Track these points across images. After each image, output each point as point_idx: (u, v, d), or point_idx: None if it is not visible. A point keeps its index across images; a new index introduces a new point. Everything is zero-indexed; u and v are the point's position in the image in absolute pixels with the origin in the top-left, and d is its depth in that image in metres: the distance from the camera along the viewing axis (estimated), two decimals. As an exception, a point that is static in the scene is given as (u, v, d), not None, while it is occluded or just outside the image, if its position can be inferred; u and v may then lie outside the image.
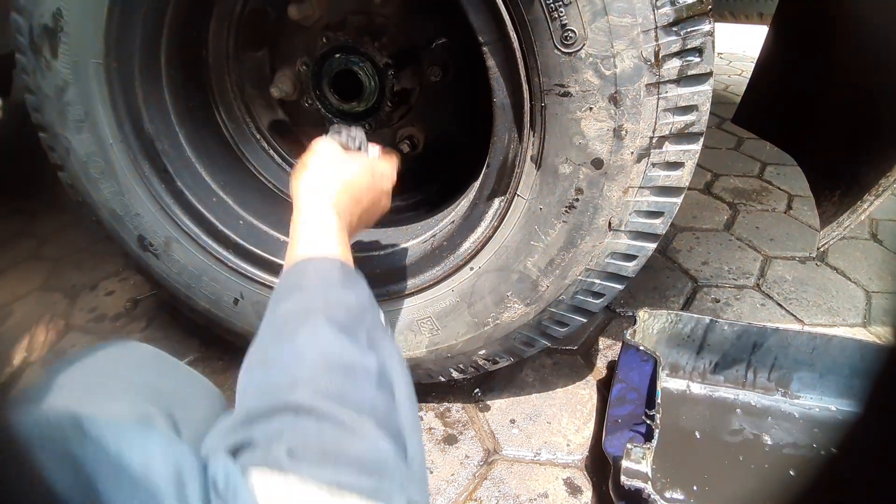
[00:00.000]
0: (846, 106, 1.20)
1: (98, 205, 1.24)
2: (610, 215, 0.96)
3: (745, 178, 2.53)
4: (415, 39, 1.23)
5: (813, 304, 1.70)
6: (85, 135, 1.17)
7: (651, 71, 0.85)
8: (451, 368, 1.21)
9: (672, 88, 0.86)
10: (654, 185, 0.94)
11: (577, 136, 0.91)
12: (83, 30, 1.08)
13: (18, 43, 1.15)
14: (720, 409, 1.29)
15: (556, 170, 0.94)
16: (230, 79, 1.32)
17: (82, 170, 1.21)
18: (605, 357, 1.47)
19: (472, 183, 1.14)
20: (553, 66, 0.87)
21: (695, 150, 0.92)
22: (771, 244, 2.00)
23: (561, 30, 0.84)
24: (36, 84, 1.18)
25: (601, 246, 0.99)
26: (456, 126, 1.32)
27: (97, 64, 1.10)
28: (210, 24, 1.25)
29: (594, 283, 1.04)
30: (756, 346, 1.29)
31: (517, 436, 1.24)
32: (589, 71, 0.86)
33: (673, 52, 0.84)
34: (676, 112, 0.88)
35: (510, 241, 1.02)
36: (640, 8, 0.81)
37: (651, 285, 1.76)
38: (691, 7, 0.82)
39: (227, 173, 1.28)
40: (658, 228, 0.98)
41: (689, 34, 0.83)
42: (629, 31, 0.82)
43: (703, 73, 0.86)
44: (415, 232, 1.20)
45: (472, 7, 0.88)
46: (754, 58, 1.47)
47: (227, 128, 1.33)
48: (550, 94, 0.89)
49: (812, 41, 1.26)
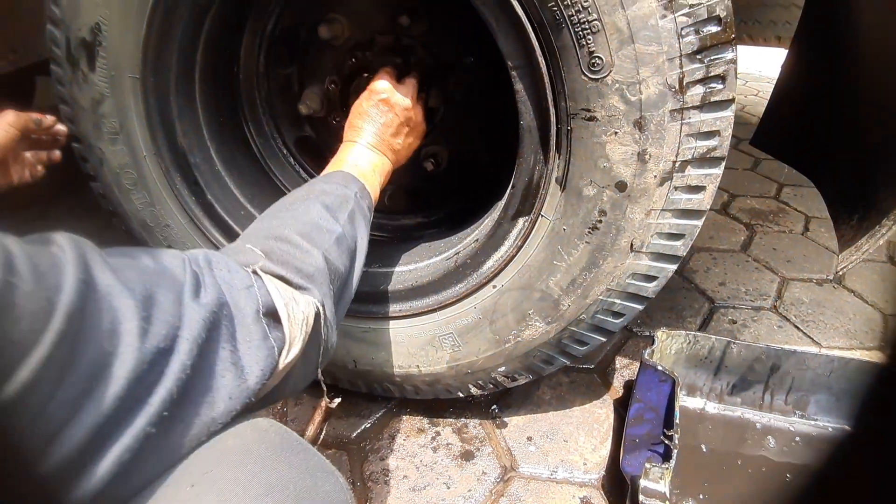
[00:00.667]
0: (864, 130, 1.20)
1: (129, 215, 1.27)
2: (632, 237, 0.98)
3: (762, 199, 2.53)
4: (441, 60, 1.26)
5: (830, 327, 1.70)
6: (119, 146, 1.21)
7: (675, 97, 0.87)
8: (470, 384, 1.22)
9: (695, 114, 0.88)
10: (676, 207, 0.95)
11: (602, 160, 0.93)
12: (121, 44, 1.11)
13: (54, 54, 1.19)
14: (737, 430, 1.29)
15: (581, 192, 0.96)
16: (260, 95, 1.35)
17: (115, 181, 1.25)
18: (621, 376, 1.48)
19: (495, 202, 1.16)
20: (580, 91, 0.89)
21: (716, 175, 0.93)
22: (788, 266, 2.01)
23: (588, 56, 0.86)
24: (71, 95, 1.21)
25: (623, 267, 1.01)
26: (479, 144, 1.34)
27: (134, 78, 1.14)
28: (242, 42, 1.29)
29: (615, 302, 1.05)
30: (774, 369, 1.30)
31: (534, 453, 1.25)
32: (615, 97, 0.88)
33: (696, 79, 0.86)
34: (699, 137, 0.90)
35: (533, 260, 1.04)
36: (665, 37, 0.83)
37: (668, 305, 1.77)
38: (715, 36, 0.84)
39: (254, 187, 1.31)
40: (679, 250, 0.99)
41: (713, 62, 0.85)
42: (655, 59, 0.85)
43: (725, 100, 0.88)
44: (438, 249, 1.22)
45: (501, 33, 0.90)
46: (770, 78, 1.49)
47: (256, 142, 1.36)
48: (576, 118, 0.91)
49: (830, 65, 1.27)
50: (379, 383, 1.29)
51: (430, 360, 1.20)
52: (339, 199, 0.91)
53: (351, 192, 0.94)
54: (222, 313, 0.59)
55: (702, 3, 0.82)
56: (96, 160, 1.25)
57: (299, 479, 0.57)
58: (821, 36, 1.30)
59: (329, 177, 0.98)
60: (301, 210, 0.86)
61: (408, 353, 1.21)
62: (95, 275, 0.48)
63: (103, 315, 0.47)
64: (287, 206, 0.89)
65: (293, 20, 1.30)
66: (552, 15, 0.85)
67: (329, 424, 1.31)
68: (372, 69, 1.21)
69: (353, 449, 1.26)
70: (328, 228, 0.84)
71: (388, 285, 1.20)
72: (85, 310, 0.46)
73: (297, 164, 1.42)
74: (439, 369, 1.20)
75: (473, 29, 1.21)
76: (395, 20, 1.22)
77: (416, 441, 1.28)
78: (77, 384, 0.44)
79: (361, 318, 1.21)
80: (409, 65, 1.22)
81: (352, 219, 0.90)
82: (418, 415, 1.35)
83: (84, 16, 1.11)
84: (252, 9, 1.25)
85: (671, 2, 0.82)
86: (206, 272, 0.62)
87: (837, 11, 1.21)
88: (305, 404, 1.37)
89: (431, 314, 1.16)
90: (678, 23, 0.83)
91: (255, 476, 0.54)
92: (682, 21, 0.83)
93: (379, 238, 1.39)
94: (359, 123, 1.08)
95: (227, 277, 0.63)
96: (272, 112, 1.38)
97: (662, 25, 0.83)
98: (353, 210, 0.91)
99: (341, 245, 0.85)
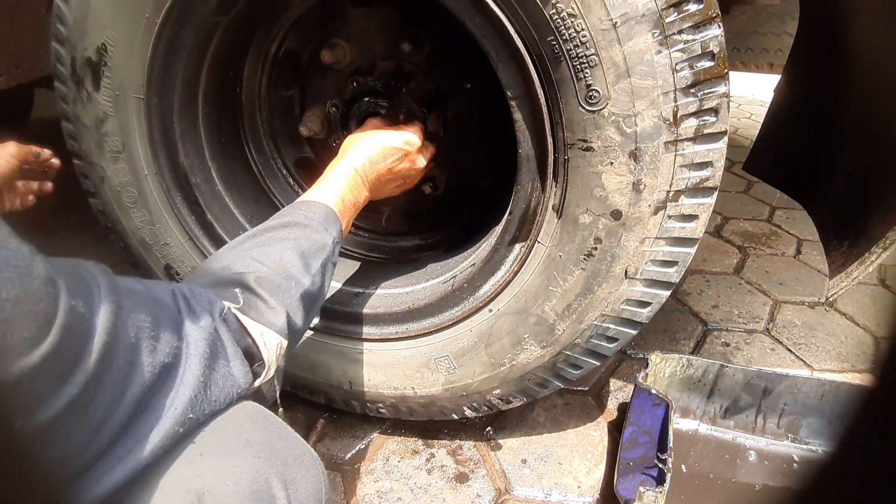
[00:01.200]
0: (855, 157, 1.22)
1: (128, 233, 1.28)
2: (627, 264, 0.99)
3: (755, 222, 2.56)
4: (441, 86, 1.28)
5: (822, 350, 1.71)
6: (121, 165, 1.22)
7: (670, 129, 0.89)
8: (464, 406, 1.23)
9: (689, 146, 0.90)
10: (670, 235, 0.97)
11: (598, 189, 0.95)
12: (127, 65, 1.13)
13: (58, 72, 1.20)
14: (729, 453, 1.30)
15: (577, 219, 0.98)
16: (261, 116, 1.37)
17: (115, 198, 1.26)
18: (615, 398, 1.49)
19: (492, 227, 1.18)
20: (577, 122, 0.91)
21: (709, 204, 0.96)
22: (780, 288, 2.03)
23: (586, 89, 0.88)
24: (74, 113, 1.23)
25: (617, 293, 1.02)
26: (477, 169, 1.36)
27: (138, 98, 1.15)
28: (245, 64, 1.31)
29: (609, 328, 1.07)
30: (766, 392, 1.31)
31: (528, 476, 1.25)
32: (611, 128, 0.90)
33: (690, 112, 0.88)
34: (692, 168, 0.92)
35: (529, 285, 1.06)
36: (660, 71, 0.86)
37: (662, 328, 1.78)
38: (708, 70, 0.86)
39: (254, 207, 1.32)
40: (672, 277, 1.01)
41: (706, 96, 0.88)
42: (650, 93, 0.87)
43: (718, 132, 0.90)
44: (434, 272, 1.23)
45: (502, 64, 0.93)
46: (763, 101, 1.51)
47: (256, 163, 1.37)
48: (573, 148, 0.93)
49: (823, 92, 1.29)
50: (374, 404, 1.29)
51: (426, 383, 1.21)
52: (316, 246, 0.92)
53: (330, 238, 0.95)
54: (217, 335, 0.69)
55: (696, 39, 0.85)
56: (97, 178, 1.26)
57: (273, 441, 0.68)
58: (813, 63, 1.33)
59: (313, 208, 0.97)
60: (276, 250, 0.87)
61: (403, 375, 1.22)
62: (122, 302, 0.57)
63: (130, 331, 0.56)
64: (264, 240, 0.90)
65: (296, 44, 1.33)
66: (551, 49, 0.87)
67: (323, 445, 1.31)
68: (383, 109, 1.24)
69: (346, 470, 1.26)
70: (297, 280, 0.86)
71: (385, 307, 1.21)
72: (117, 325, 0.54)
73: (296, 185, 1.43)
74: (434, 391, 1.21)
75: (473, 57, 1.25)
76: (397, 46, 1.24)
77: (411, 463, 1.28)
78: (111, 389, 0.53)
79: (358, 340, 1.22)
80: (411, 94, 1.23)
81: (323, 269, 0.92)
82: (413, 436, 1.35)
83: (91, 36, 1.13)
84: (256, 33, 1.27)
85: (666, 38, 0.84)
86: (194, 301, 0.70)
87: (829, 39, 1.23)
88: (299, 425, 1.37)
89: (428, 337, 1.17)
90: (673, 58, 0.85)
91: (235, 433, 0.66)
92: (676, 56, 0.85)
93: (376, 259, 1.41)
94: (365, 147, 1.10)
95: (208, 307, 0.72)
96: (273, 133, 1.40)
97: (658, 60, 0.85)
98: (326, 260, 0.93)
99: (305, 299, 0.87)
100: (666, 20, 0.83)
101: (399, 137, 1.13)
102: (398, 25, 1.26)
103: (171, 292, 0.70)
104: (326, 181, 1.05)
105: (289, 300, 0.83)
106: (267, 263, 0.84)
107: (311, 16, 1.27)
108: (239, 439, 0.65)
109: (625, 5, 0.82)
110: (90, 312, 0.52)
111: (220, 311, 0.73)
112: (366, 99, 1.25)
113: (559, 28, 0.85)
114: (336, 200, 1.01)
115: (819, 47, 1.29)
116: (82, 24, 1.12)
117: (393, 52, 1.27)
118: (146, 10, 1.07)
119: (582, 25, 0.84)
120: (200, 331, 0.66)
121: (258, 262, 0.84)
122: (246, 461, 0.62)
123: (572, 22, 0.85)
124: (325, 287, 0.94)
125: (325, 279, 0.94)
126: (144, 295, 0.65)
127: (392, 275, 1.29)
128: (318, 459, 0.74)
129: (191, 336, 0.65)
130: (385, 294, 1.24)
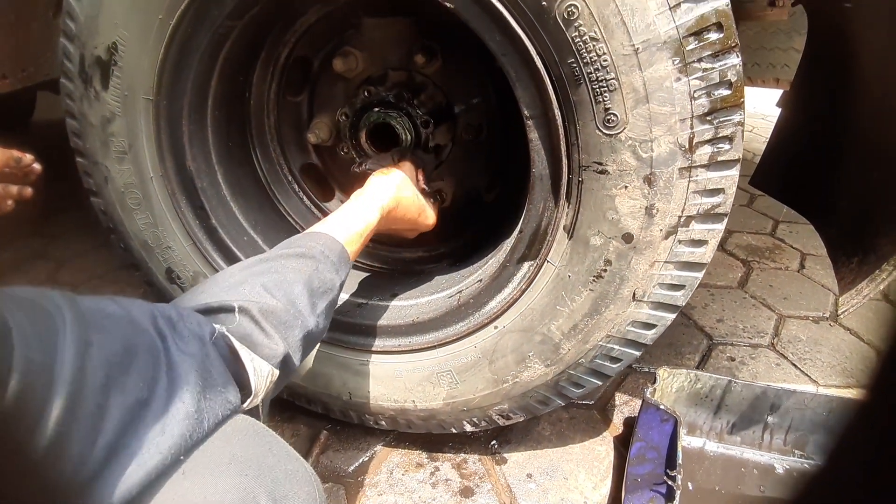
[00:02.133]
0: (862, 174, 1.21)
1: (130, 234, 1.27)
2: (635, 286, 1.00)
3: (758, 236, 2.55)
4: (452, 99, 1.28)
5: (827, 365, 1.70)
6: (126, 166, 1.20)
7: (685, 156, 0.89)
8: (464, 421, 1.22)
9: (702, 173, 0.91)
10: (679, 260, 0.97)
11: (611, 211, 0.95)
12: (137, 66, 1.11)
13: (66, 68, 1.19)
14: (736, 469, 1.29)
15: (588, 241, 0.98)
16: (269, 121, 1.36)
17: (119, 199, 1.24)
18: (621, 413, 1.48)
19: (498, 242, 1.18)
20: (593, 145, 0.91)
21: (719, 230, 0.96)
22: (785, 303, 2.02)
23: (604, 112, 0.88)
24: (80, 111, 1.21)
25: (624, 314, 1.02)
26: (484, 184, 1.36)
27: (147, 100, 1.14)
28: (255, 68, 1.30)
29: (613, 348, 1.07)
30: (773, 408, 1.30)
31: (534, 490, 1.24)
32: (627, 152, 0.90)
33: (706, 139, 0.89)
34: (705, 194, 0.92)
35: (537, 304, 1.05)
36: (679, 98, 0.86)
37: (667, 342, 1.77)
38: (725, 99, 0.87)
39: (258, 213, 1.31)
40: (679, 300, 1.02)
41: (722, 123, 0.88)
42: (667, 119, 0.87)
43: (731, 160, 0.91)
44: (440, 286, 1.23)
45: (520, 83, 0.93)
46: (766, 115, 1.51)
47: (262, 167, 1.37)
48: (588, 170, 0.93)
49: (830, 108, 1.28)
50: (372, 416, 1.28)
51: (427, 396, 1.20)
52: (325, 286, 0.90)
53: (339, 280, 0.94)
54: (208, 361, 0.67)
55: (715, 67, 0.85)
56: (101, 177, 1.24)
57: (263, 456, 0.65)
58: (820, 79, 1.32)
59: (330, 245, 0.95)
60: (287, 282, 0.85)
61: (405, 388, 1.21)
62: (91, 337, 0.54)
63: (98, 372, 0.53)
64: (277, 267, 0.87)
65: (307, 50, 1.32)
66: (571, 71, 0.87)
67: (326, 457, 1.30)
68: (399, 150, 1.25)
69: (350, 483, 1.25)
70: (303, 319, 0.84)
71: (388, 320, 1.21)
72: (84, 368, 0.51)
73: (300, 191, 1.42)
74: (435, 405, 1.21)
75: (485, 72, 1.25)
76: (410, 57, 1.24)
77: (415, 476, 1.27)
78: (80, 440, 0.50)
79: (360, 351, 1.21)
80: (421, 105, 1.23)
81: (327, 311, 0.91)
82: (417, 449, 1.34)
83: (102, 35, 1.11)
84: (268, 37, 1.26)
85: (686, 65, 0.85)
86: (181, 324, 0.67)
87: (837, 55, 1.23)
88: (302, 436, 1.35)
89: (431, 351, 1.16)
90: (691, 86, 0.86)
91: (220, 448, 0.63)
92: (695, 84, 0.86)
93: (379, 270, 1.40)
94: (398, 191, 1.10)
95: (198, 331, 0.69)
96: (280, 138, 1.39)
97: (676, 88, 0.85)
98: (332, 301, 0.93)
99: (306, 340, 0.85)
100: (686, 48, 0.84)
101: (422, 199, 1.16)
102: (412, 37, 1.26)
103: (152, 315, 0.65)
104: (349, 216, 1.03)
105: (291, 339, 0.81)
106: (276, 295, 0.81)
107: (325, 23, 1.27)
108: (225, 455, 0.62)
109: (647, 31, 0.83)
110: (52, 359, 0.48)
111: (211, 335, 0.70)
112: (376, 109, 1.24)
113: (580, 51, 0.86)
114: (352, 239, 0.99)
115: (827, 63, 1.29)
116: (94, 21, 1.11)
117: (405, 62, 1.27)
118: (160, 11, 1.06)
119: (604, 49, 0.85)
120: (190, 360, 0.63)
121: (268, 291, 0.81)
122: (231, 479, 0.60)
123: (594, 45, 0.85)
124: (325, 329, 0.93)
125: (327, 321, 0.93)
126: (119, 320, 0.61)
127: (396, 287, 1.28)
128: (313, 475, 0.71)
129: (180, 367, 0.62)
130: (389, 306, 1.24)
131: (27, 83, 1.52)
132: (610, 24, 0.83)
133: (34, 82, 1.53)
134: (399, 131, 1.22)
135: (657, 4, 0.82)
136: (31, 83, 1.53)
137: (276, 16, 1.21)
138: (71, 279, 1.94)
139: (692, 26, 0.83)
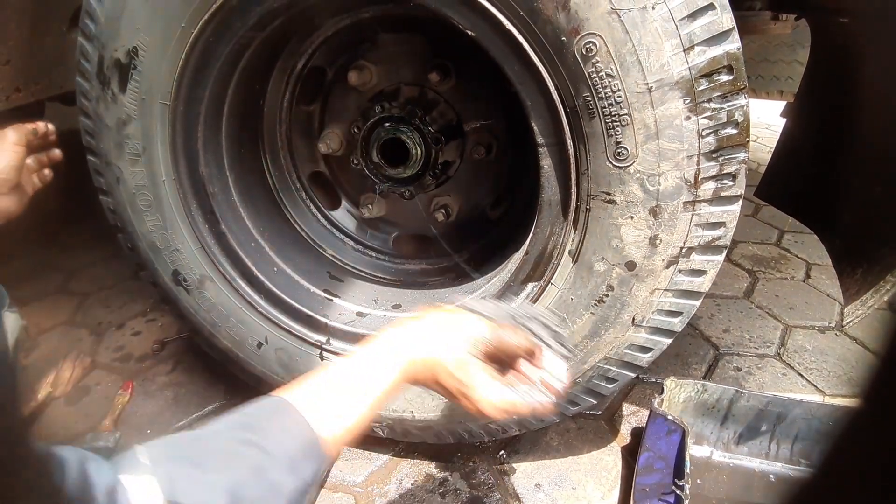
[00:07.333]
0: (867, 185, 1.22)
1: (139, 235, 1.28)
2: (635, 312, 1.03)
3: (764, 246, 2.53)
4: (463, 118, 1.31)
5: (833, 375, 1.70)
6: (139, 168, 1.22)
7: (690, 190, 0.93)
8: (461, 431, 1.25)
9: (705, 207, 0.95)
10: (678, 288, 1.01)
11: (616, 240, 0.98)
12: (157, 71, 1.13)
13: (83, 67, 1.19)
14: (743, 479, 1.30)
15: (592, 266, 1.01)
16: (280, 129, 1.38)
17: (129, 200, 1.25)
18: (628, 423, 1.49)
19: (501, 260, 1.20)
20: (603, 176, 0.94)
21: (718, 261, 1.00)
22: (790, 313, 2.01)
23: (615, 146, 0.92)
24: (96, 112, 1.22)
25: (622, 338, 1.06)
26: (489, 202, 1.39)
27: (164, 105, 1.15)
28: (271, 77, 1.32)
29: (610, 369, 1.10)
30: (780, 418, 1.31)
31: (543, 500, 1.25)
32: (635, 185, 0.93)
33: (710, 175, 0.92)
34: (707, 227, 0.96)
35: (539, 324, 1.08)
36: (687, 136, 0.90)
37: (674, 352, 1.76)
38: (731, 138, 0.91)
39: (266, 219, 1.33)
40: (676, 326, 1.05)
41: (727, 161, 0.92)
42: (676, 155, 0.91)
43: (734, 196, 0.95)
44: (441, 298, 1.26)
45: (536, 112, 0.96)
46: (768, 124, 1.50)
47: (272, 175, 1.38)
48: (596, 199, 0.97)
49: (834, 120, 1.29)
50: (370, 424, 1.31)
51: (426, 408, 1.22)
52: (266, 494, 0.63)
53: (295, 483, 0.65)
54: None
55: (723, 108, 0.89)
56: (113, 178, 1.25)
57: None
58: (824, 91, 1.33)
59: (294, 433, 0.67)
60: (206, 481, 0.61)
61: (404, 399, 1.23)
62: None
63: None
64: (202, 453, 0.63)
65: (322, 62, 1.34)
66: (586, 104, 0.90)
67: (335, 467, 1.31)
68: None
69: (359, 493, 1.26)
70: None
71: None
72: None
73: (308, 199, 1.44)
74: (433, 417, 1.23)
75: (499, 92, 1.27)
76: (424, 74, 1.27)
77: (425, 486, 1.28)
78: None
79: (362, 360, 1.24)
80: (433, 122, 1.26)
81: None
82: (426, 459, 1.35)
83: (122, 38, 1.12)
84: (286, 48, 1.28)
85: (696, 105, 0.88)
86: None
87: (841, 67, 1.25)
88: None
89: (432, 364, 1.19)
90: (700, 124, 0.89)
91: None
92: (703, 123, 0.89)
93: (382, 280, 1.42)
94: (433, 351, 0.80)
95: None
96: (290, 146, 1.41)
97: (686, 126, 0.89)
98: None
99: None
100: (697, 88, 0.87)
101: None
102: (427, 54, 1.28)
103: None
104: (347, 383, 0.74)
105: None
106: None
107: (342, 35, 1.29)
108: None
109: (661, 71, 0.86)
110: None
111: None
112: (388, 124, 1.27)
113: (596, 86, 0.89)
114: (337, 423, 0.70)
115: (830, 75, 1.30)
116: (115, 24, 1.12)
117: (419, 78, 1.29)
118: (183, 19, 1.07)
119: (618, 86, 0.88)
120: None
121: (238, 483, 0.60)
122: None
123: (610, 81, 0.88)
124: None
125: None
126: None
127: (397, 298, 1.30)
128: None
129: None
130: (390, 317, 1.26)
131: (40, 96, 1.53)
132: (626, 63, 0.87)
133: (47, 95, 1.54)
134: (410, 146, 1.25)
135: (672, 46, 0.85)
136: (44, 96, 1.54)
137: (296, 27, 1.23)
138: (81, 289, 1.95)
139: (704, 68, 0.86)
